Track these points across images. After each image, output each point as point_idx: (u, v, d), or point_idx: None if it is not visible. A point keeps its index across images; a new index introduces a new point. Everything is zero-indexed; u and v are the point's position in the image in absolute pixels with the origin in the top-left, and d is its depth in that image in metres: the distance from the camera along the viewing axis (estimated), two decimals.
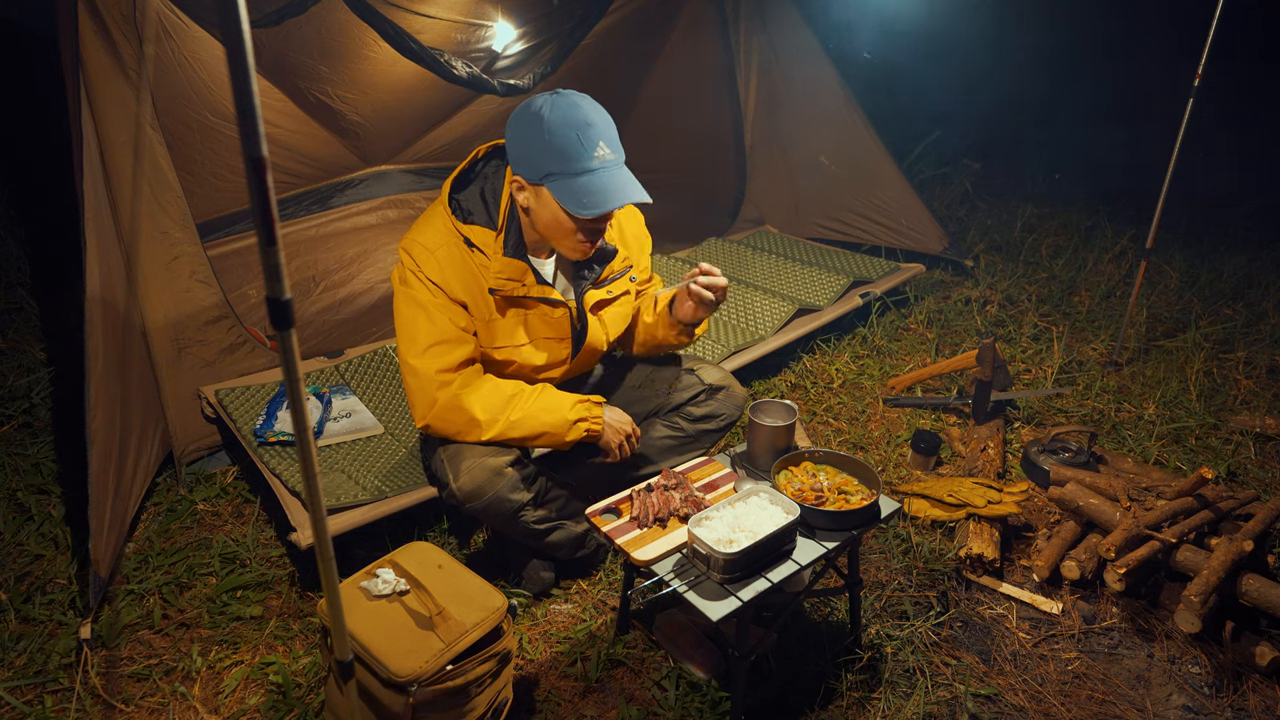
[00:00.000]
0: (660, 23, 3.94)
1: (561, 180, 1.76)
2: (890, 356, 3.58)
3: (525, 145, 1.79)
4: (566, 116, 1.75)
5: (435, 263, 1.87)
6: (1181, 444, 2.98)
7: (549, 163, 1.76)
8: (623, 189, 1.79)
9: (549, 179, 1.77)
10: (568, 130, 1.74)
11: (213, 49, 2.57)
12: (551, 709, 1.92)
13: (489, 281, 1.90)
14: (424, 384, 1.88)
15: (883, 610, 2.21)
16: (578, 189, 1.76)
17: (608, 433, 2.05)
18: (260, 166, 0.92)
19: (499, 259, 1.90)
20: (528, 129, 1.77)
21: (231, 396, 2.61)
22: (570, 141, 1.74)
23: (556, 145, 1.74)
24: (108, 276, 2.26)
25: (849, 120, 4.09)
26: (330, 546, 1.15)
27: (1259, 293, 4.24)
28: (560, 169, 1.76)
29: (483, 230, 1.90)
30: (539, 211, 1.85)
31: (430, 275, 1.86)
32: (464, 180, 1.95)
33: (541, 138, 1.75)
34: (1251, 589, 2.06)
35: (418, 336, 1.87)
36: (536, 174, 1.79)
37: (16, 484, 2.59)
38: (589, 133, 1.75)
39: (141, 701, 1.91)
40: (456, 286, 1.88)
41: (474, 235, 1.89)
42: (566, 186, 1.76)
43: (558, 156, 1.75)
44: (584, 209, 1.75)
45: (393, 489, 2.30)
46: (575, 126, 1.74)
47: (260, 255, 0.96)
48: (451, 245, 1.89)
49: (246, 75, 0.88)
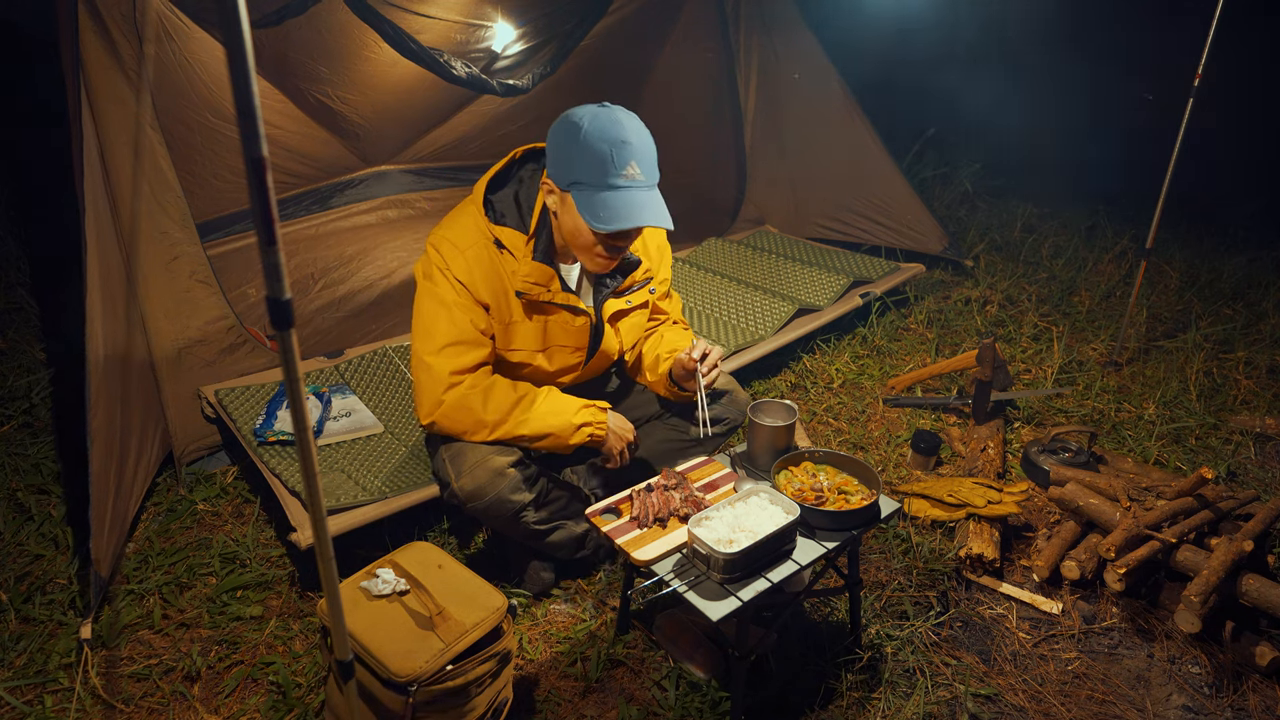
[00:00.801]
0: (660, 23, 3.94)
1: (587, 191, 1.76)
2: (890, 356, 3.58)
3: (560, 150, 1.80)
4: (604, 130, 1.75)
5: (464, 261, 1.87)
6: (1181, 444, 2.98)
7: (578, 171, 1.76)
8: (643, 210, 1.77)
9: (575, 187, 1.78)
10: (602, 144, 1.74)
11: (213, 50, 2.57)
12: (551, 709, 1.92)
13: (516, 284, 1.91)
14: (435, 382, 1.88)
15: (883, 610, 2.21)
16: (598, 203, 1.75)
17: (610, 439, 2.05)
18: (260, 166, 0.92)
19: (528, 262, 1.90)
20: (565, 135, 1.78)
21: (231, 396, 2.61)
22: (602, 154, 1.74)
23: (588, 156, 1.74)
24: (108, 276, 2.26)
25: (849, 120, 4.09)
26: (330, 546, 1.15)
27: (1259, 293, 4.24)
28: (588, 179, 1.76)
29: (514, 233, 1.90)
30: (564, 217, 1.85)
31: (458, 274, 1.87)
32: (499, 181, 1.96)
33: (576, 146, 1.75)
34: (1251, 589, 2.06)
35: (435, 334, 1.88)
36: (565, 180, 1.79)
37: (16, 484, 2.59)
38: (623, 150, 1.75)
39: (141, 701, 1.91)
40: (482, 287, 1.89)
41: (505, 237, 1.90)
42: (589, 198, 1.76)
43: (587, 167, 1.75)
44: (599, 222, 1.75)
45: (393, 489, 2.29)
46: (610, 141, 1.74)
47: (260, 255, 0.96)
48: (480, 245, 1.89)
49: (247, 75, 0.88)
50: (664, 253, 2.19)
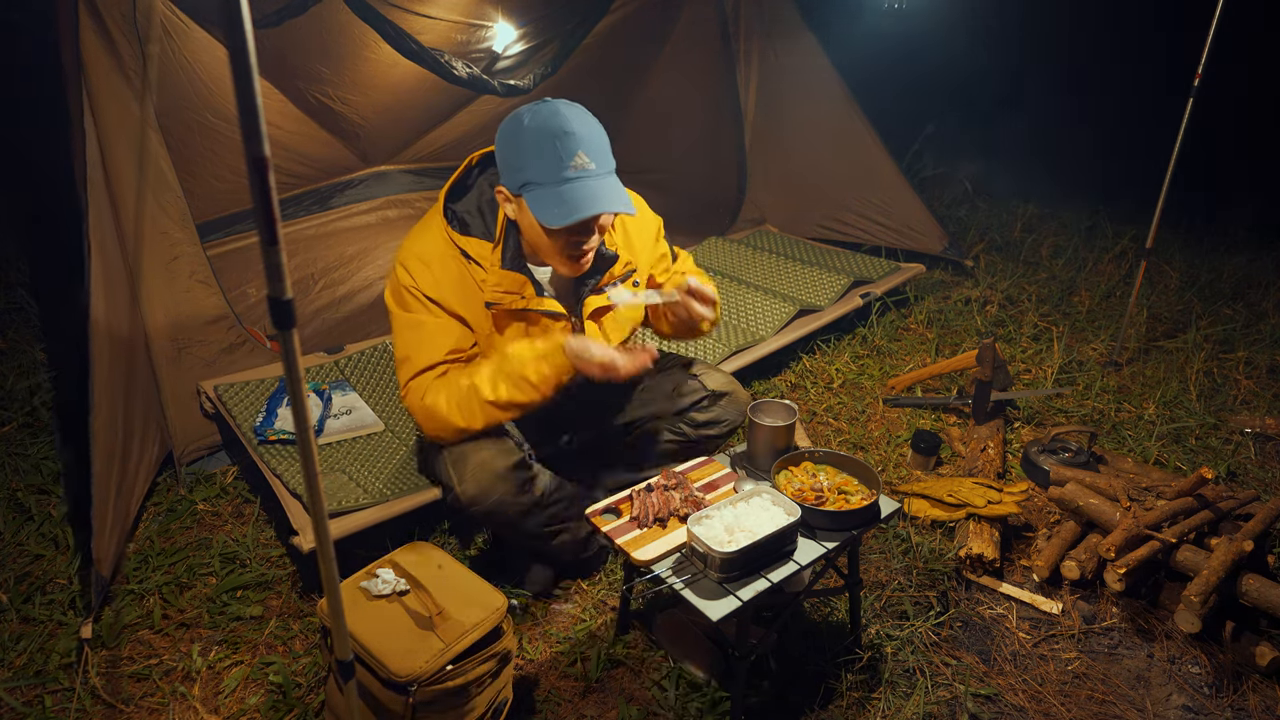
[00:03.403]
0: (661, 23, 3.94)
1: (537, 190, 1.69)
2: (890, 356, 3.58)
3: (507, 155, 1.74)
4: (545, 124, 1.67)
5: (431, 276, 1.83)
6: (1181, 444, 2.98)
7: (527, 171, 1.70)
8: (596, 198, 1.69)
9: (526, 189, 1.71)
10: (544, 138, 1.67)
11: (213, 50, 2.57)
12: (551, 709, 1.92)
13: (486, 295, 1.85)
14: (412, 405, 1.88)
15: (883, 610, 2.21)
16: (550, 199, 1.68)
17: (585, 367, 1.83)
18: (262, 166, 0.92)
19: (496, 271, 1.84)
20: (509, 137, 1.72)
21: (231, 391, 2.61)
22: (546, 150, 1.67)
23: (532, 154, 1.68)
24: (109, 277, 2.26)
25: (849, 120, 4.09)
26: (331, 548, 1.15)
27: (1259, 293, 4.24)
28: (536, 178, 1.69)
29: (479, 242, 1.84)
30: (522, 220, 1.78)
31: (426, 290, 1.82)
32: (459, 190, 1.90)
33: (519, 145, 1.70)
34: (1251, 589, 2.06)
35: (414, 360, 1.86)
36: (516, 184, 1.73)
37: (16, 484, 2.59)
38: (567, 141, 1.67)
39: (141, 701, 1.91)
40: (453, 299, 1.84)
41: (470, 247, 1.83)
42: (541, 197, 1.69)
43: (534, 165, 1.68)
44: (553, 220, 1.68)
45: (394, 492, 2.29)
46: (553, 134, 1.67)
47: (262, 254, 0.96)
48: (448, 257, 1.84)
49: (249, 74, 0.88)
50: (645, 235, 2.07)
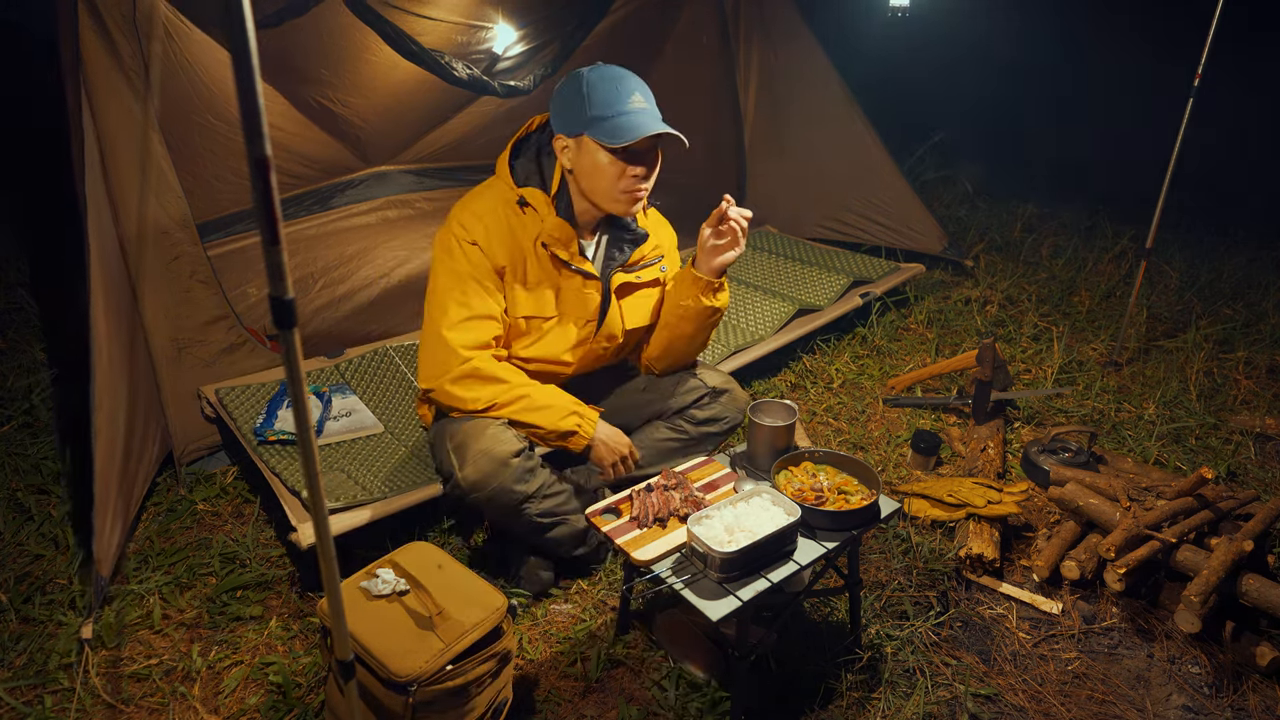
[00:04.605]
0: (660, 23, 3.94)
1: (600, 124, 1.88)
2: (890, 356, 3.58)
3: (568, 104, 1.91)
4: (606, 74, 1.91)
5: (482, 226, 1.96)
6: (1181, 444, 2.98)
7: (590, 109, 1.88)
8: (654, 123, 1.89)
9: (589, 125, 1.88)
10: (605, 82, 1.89)
11: (213, 51, 2.57)
12: (551, 709, 1.92)
13: (542, 235, 1.99)
14: (446, 355, 1.94)
15: (883, 610, 2.22)
16: (613, 127, 1.87)
17: (600, 448, 2.09)
18: (264, 166, 0.92)
19: (551, 218, 1.99)
20: (571, 88, 1.91)
21: (232, 395, 2.61)
22: (608, 91, 1.88)
23: (595, 95, 1.88)
24: (109, 276, 2.26)
25: (849, 120, 4.09)
26: (332, 546, 1.15)
27: (1259, 293, 4.25)
28: (599, 113, 1.88)
29: (537, 192, 2.00)
30: (580, 164, 1.93)
31: (475, 236, 1.96)
32: (520, 147, 2.07)
33: (581, 92, 1.89)
34: (1251, 589, 2.06)
35: (449, 308, 1.95)
36: (576, 127, 1.90)
37: (16, 484, 2.59)
38: (626, 82, 1.91)
39: (141, 701, 1.91)
40: (498, 249, 1.97)
41: (529, 195, 1.99)
42: (604, 127, 1.87)
43: (596, 104, 1.88)
44: (617, 138, 1.86)
45: (393, 489, 2.29)
46: (614, 78, 1.90)
47: (264, 254, 0.96)
48: (500, 211, 1.98)
49: (251, 75, 0.88)
50: (671, 239, 2.27)
